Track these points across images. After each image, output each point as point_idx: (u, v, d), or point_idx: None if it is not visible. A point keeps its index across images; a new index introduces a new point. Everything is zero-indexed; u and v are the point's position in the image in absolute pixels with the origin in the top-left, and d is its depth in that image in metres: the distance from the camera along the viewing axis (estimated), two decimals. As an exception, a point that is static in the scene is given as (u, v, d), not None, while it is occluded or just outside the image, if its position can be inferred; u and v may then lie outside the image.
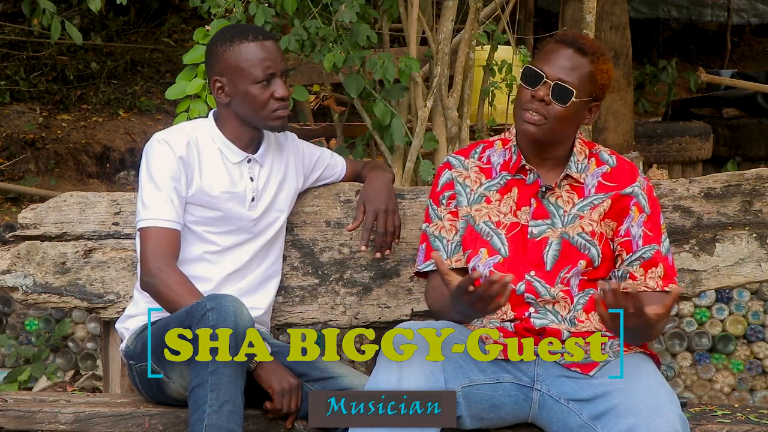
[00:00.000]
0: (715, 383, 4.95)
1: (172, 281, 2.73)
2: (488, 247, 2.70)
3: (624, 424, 2.38)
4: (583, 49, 2.63)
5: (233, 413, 2.51)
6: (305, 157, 3.08)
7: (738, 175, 3.08)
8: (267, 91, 2.82)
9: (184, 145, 2.82)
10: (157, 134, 2.86)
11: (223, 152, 2.88)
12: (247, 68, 2.81)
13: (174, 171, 2.79)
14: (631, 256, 2.69)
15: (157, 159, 2.81)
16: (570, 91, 2.59)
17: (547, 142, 2.67)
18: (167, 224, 2.78)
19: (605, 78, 2.66)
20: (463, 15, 3.83)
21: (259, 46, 2.82)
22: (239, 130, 2.89)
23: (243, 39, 2.83)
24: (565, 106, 2.60)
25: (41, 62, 8.33)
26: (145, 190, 2.80)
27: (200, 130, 2.90)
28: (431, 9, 3.83)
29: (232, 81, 2.84)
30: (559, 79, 2.60)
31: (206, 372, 2.51)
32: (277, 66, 2.83)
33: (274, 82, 2.83)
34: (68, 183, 7.10)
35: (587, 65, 2.62)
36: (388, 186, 3.03)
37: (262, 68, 2.81)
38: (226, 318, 2.53)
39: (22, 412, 2.74)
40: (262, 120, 2.86)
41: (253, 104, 2.83)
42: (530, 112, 2.61)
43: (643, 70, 9.75)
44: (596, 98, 2.67)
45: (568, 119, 2.63)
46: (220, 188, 2.86)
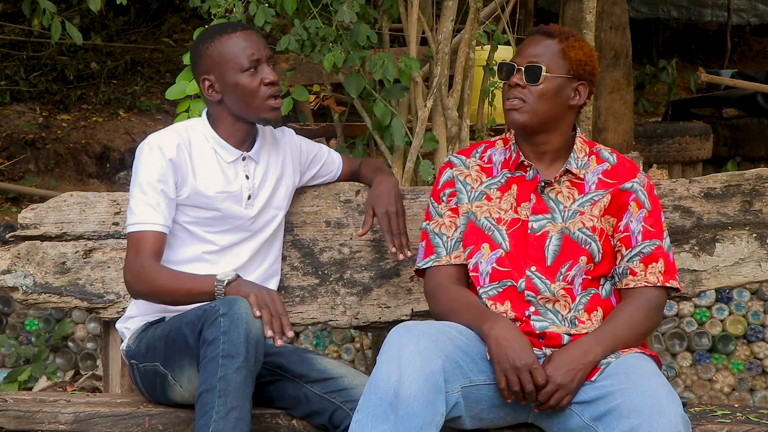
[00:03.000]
0: (715, 383, 4.95)
1: (156, 272, 2.72)
2: (490, 242, 2.70)
3: (626, 425, 2.38)
4: (549, 32, 2.71)
5: (240, 420, 2.50)
6: (302, 153, 3.07)
7: (738, 175, 3.08)
8: (256, 78, 2.83)
9: (175, 147, 2.81)
10: (149, 136, 2.86)
11: (218, 151, 2.88)
12: (232, 59, 2.82)
13: (162, 174, 2.79)
14: (630, 251, 2.69)
15: (144, 162, 2.81)
16: (539, 68, 2.65)
17: (537, 127, 2.69)
18: (149, 227, 2.77)
19: (580, 54, 2.69)
20: (463, 15, 3.83)
21: (239, 36, 2.84)
22: (233, 126, 2.89)
23: (222, 33, 2.86)
24: (538, 83, 2.65)
25: (41, 62, 8.33)
26: (132, 195, 2.81)
27: (194, 131, 2.89)
28: (431, 9, 3.83)
29: (219, 76, 2.84)
30: (528, 62, 2.67)
31: (215, 377, 2.50)
32: (260, 52, 2.84)
33: (262, 68, 2.84)
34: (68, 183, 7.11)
35: (555, 44, 2.69)
36: (396, 190, 3.03)
37: (246, 56, 2.82)
38: (238, 324, 2.52)
39: (22, 412, 2.74)
40: (255, 111, 2.85)
41: (244, 94, 2.83)
42: (510, 99, 2.69)
43: (643, 70, 9.75)
44: (579, 77, 2.69)
45: (548, 97, 2.66)
46: (215, 188, 2.85)
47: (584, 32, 4.12)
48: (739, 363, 4.93)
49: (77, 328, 5.26)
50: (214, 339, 2.52)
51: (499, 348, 2.51)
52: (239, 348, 2.51)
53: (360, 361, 5.08)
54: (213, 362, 2.52)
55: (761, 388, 4.92)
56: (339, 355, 5.17)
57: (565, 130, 2.74)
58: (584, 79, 2.70)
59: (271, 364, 2.78)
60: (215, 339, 2.52)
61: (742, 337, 4.95)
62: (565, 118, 2.72)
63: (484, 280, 2.70)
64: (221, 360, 2.51)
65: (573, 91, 2.70)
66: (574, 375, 2.51)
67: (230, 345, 2.51)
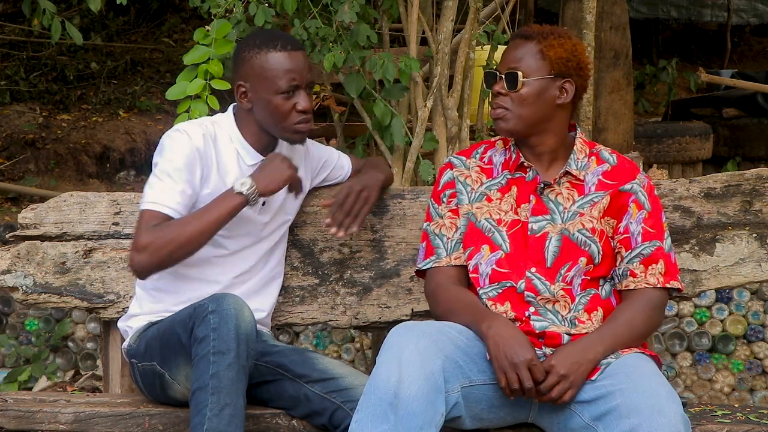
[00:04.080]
0: (715, 383, 4.95)
1: (176, 225, 2.68)
2: (490, 244, 2.70)
3: (626, 425, 2.38)
4: (527, 34, 2.70)
5: (234, 417, 2.51)
6: (313, 159, 3.06)
7: (738, 175, 3.08)
8: (289, 103, 2.78)
9: (201, 138, 2.78)
10: (177, 125, 2.82)
11: (240, 153, 2.85)
12: (272, 77, 2.77)
13: (189, 162, 2.74)
14: (630, 253, 2.69)
15: (173, 147, 2.76)
16: (515, 74, 2.65)
17: (524, 132, 2.69)
18: (167, 211, 2.71)
19: (560, 51, 2.67)
20: (463, 15, 3.83)
21: (286, 57, 2.78)
22: (258, 134, 2.86)
23: (271, 47, 2.79)
24: (517, 89, 2.65)
25: (41, 62, 8.33)
26: (156, 176, 2.74)
27: (219, 127, 2.86)
28: (431, 9, 3.83)
29: (255, 88, 2.80)
30: (507, 69, 2.68)
31: (207, 375, 2.51)
32: (302, 78, 2.79)
33: (298, 94, 2.79)
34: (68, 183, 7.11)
35: (533, 46, 2.68)
36: (378, 183, 3.01)
37: (286, 79, 2.77)
38: (227, 320, 2.53)
39: (22, 412, 2.74)
40: (281, 131, 2.82)
41: (274, 114, 2.79)
42: (494, 109, 2.70)
43: (643, 70, 9.75)
44: (562, 75, 2.68)
45: (530, 101, 2.66)
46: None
47: (584, 32, 4.12)
48: (739, 363, 4.93)
49: (77, 328, 5.26)
50: (204, 336, 2.54)
51: (497, 346, 2.51)
52: (229, 344, 2.52)
53: (360, 361, 5.08)
54: (204, 360, 2.52)
55: (761, 388, 4.93)
56: (339, 355, 5.17)
57: (558, 129, 2.73)
58: (569, 76, 2.69)
59: (271, 364, 2.78)
60: (205, 336, 2.53)
61: (742, 337, 4.96)
62: (555, 118, 2.71)
63: (484, 281, 2.70)
64: (212, 357, 2.52)
65: (558, 90, 2.69)
66: (577, 367, 2.50)
67: (220, 342, 2.52)
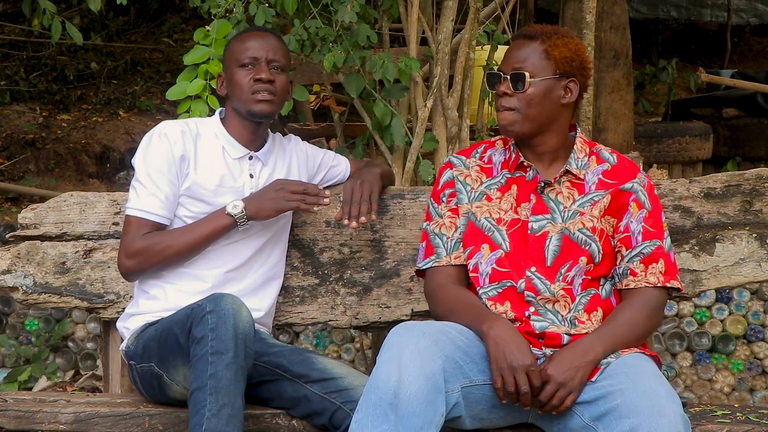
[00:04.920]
0: (715, 383, 4.95)
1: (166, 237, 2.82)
2: (490, 243, 2.71)
3: (626, 425, 2.38)
4: (530, 34, 2.70)
5: (232, 417, 2.51)
6: (309, 159, 3.08)
7: (738, 175, 3.08)
8: (249, 74, 2.88)
9: (180, 135, 2.87)
10: (159, 124, 2.91)
11: (225, 148, 2.92)
12: (234, 54, 2.91)
13: (168, 163, 2.84)
14: (630, 252, 2.69)
15: (152, 150, 2.86)
16: (522, 75, 2.65)
17: (531, 132, 2.69)
18: (155, 218, 2.83)
19: (565, 51, 2.67)
20: (463, 15, 3.83)
21: (251, 36, 2.94)
22: (240, 125, 2.93)
23: (241, 34, 2.98)
24: (524, 90, 2.64)
25: (41, 62, 8.33)
26: (139, 180, 2.86)
27: (204, 125, 2.95)
28: (431, 9, 3.83)
29: (225, 70, 2.96)
30: (513, 69, 2.67)
31: (205, 375, 2.51)
32: (263, 52, 2.89)
33: (259, 66, 2.88)
34: (68, 183, 7.11)
35: (537, 46, 2.67)
36: (374, 172, 3.05)
37: (247, 53, 2.89)
38: (225, 320, 2.53)
39: (22, 412, 2.74)
40: (244, 105, 2.89)
41: (236, 89, 2.89)
42: (501, 111, 2.69)
43: (643, 70, 9.75)
44: (567, 75, 2.68)
45: (537, 101, 2.66)
46: (215, 182, 2.87)
47: (584, 32, 4.12)
48: (739, 363, 4.93)
49: (77, 328, 5.26)
50: (202, 337, 2.54)
51: (497, 348, 2.50)
52: (227, 344, 2.52)
53: (360, 361, 5.08)
54: (202, 360, 2.53)
55: (761, 388, 4.93)
56: (339, 355, 5.17)
57: (560, 129, 2.73)
58: (573, 75, 2.69)
59: (269, 364, 2.78)
60: (203, 336, 2.54)
61: (742, 337, 4.96)
62: (559, 118, 2.72)
63: (484, 281, 2.70)
64: (210, 357, 2.52)
65: (563, 90, 2.69)
66: (575, 373, 2.50)
67: (218, 342, 2.52)
